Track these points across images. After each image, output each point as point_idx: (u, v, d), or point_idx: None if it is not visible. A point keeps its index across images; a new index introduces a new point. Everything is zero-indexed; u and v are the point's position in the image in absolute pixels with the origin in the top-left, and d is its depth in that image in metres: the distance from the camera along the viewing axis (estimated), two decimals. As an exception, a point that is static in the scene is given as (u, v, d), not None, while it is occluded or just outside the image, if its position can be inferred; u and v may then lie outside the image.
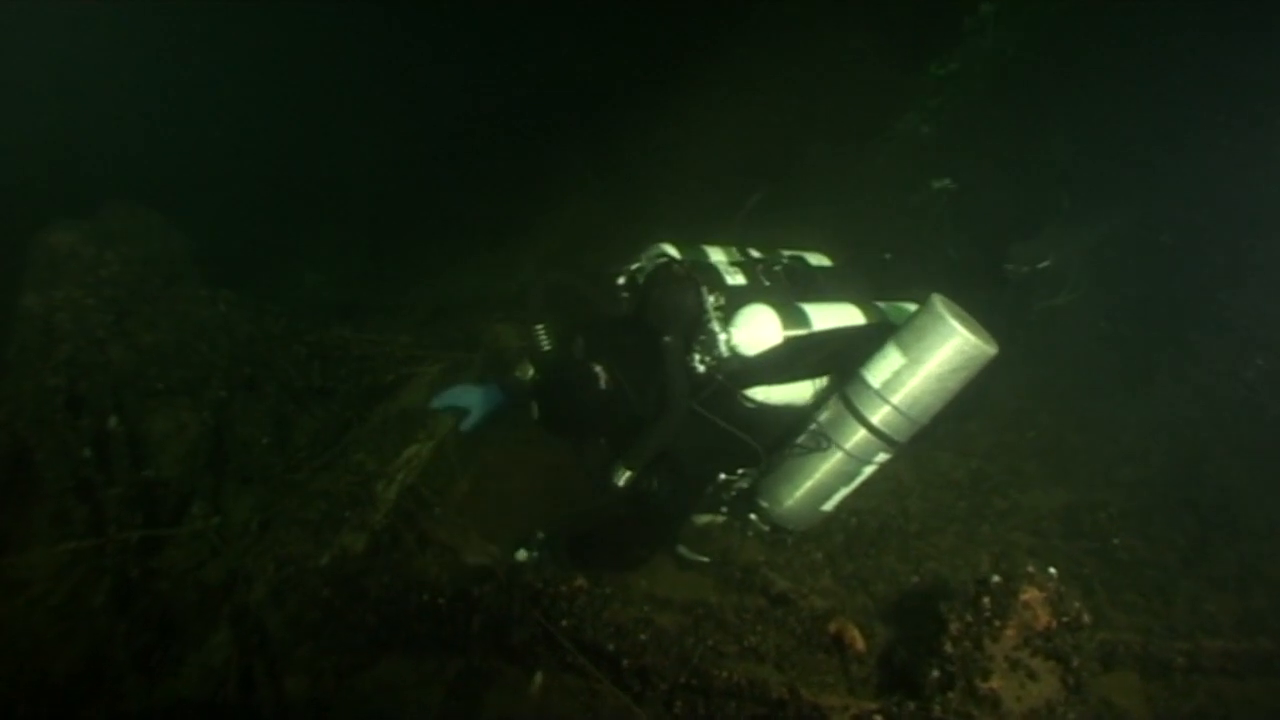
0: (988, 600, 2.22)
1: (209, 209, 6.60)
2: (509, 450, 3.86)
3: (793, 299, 2.78)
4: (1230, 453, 4.00)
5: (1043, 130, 5.44)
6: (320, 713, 2.76)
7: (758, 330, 2.62)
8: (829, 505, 2.83)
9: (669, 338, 2.62)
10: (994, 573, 3.19)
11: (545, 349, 2.84)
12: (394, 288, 6.06)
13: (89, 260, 3.98)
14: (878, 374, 2.61)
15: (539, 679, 2.66)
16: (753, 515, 2.98)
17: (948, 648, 2.23)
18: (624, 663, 2.52)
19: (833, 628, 2.61)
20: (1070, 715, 2.15)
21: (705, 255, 3.01)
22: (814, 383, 2.87)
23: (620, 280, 2.89)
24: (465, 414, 3.40)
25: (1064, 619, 2.16)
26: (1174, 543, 3.49)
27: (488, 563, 3.17)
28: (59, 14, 7.68)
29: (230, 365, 4.15)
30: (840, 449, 2.68)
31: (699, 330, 2.67)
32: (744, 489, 2.95)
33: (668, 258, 2.88)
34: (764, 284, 2.91)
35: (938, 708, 2.18)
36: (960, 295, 2.71)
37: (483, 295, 5.56)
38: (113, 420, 3.64)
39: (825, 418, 2.72)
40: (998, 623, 2.19)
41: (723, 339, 2.63)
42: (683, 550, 3.20)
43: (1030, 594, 2.19)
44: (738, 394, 2.71)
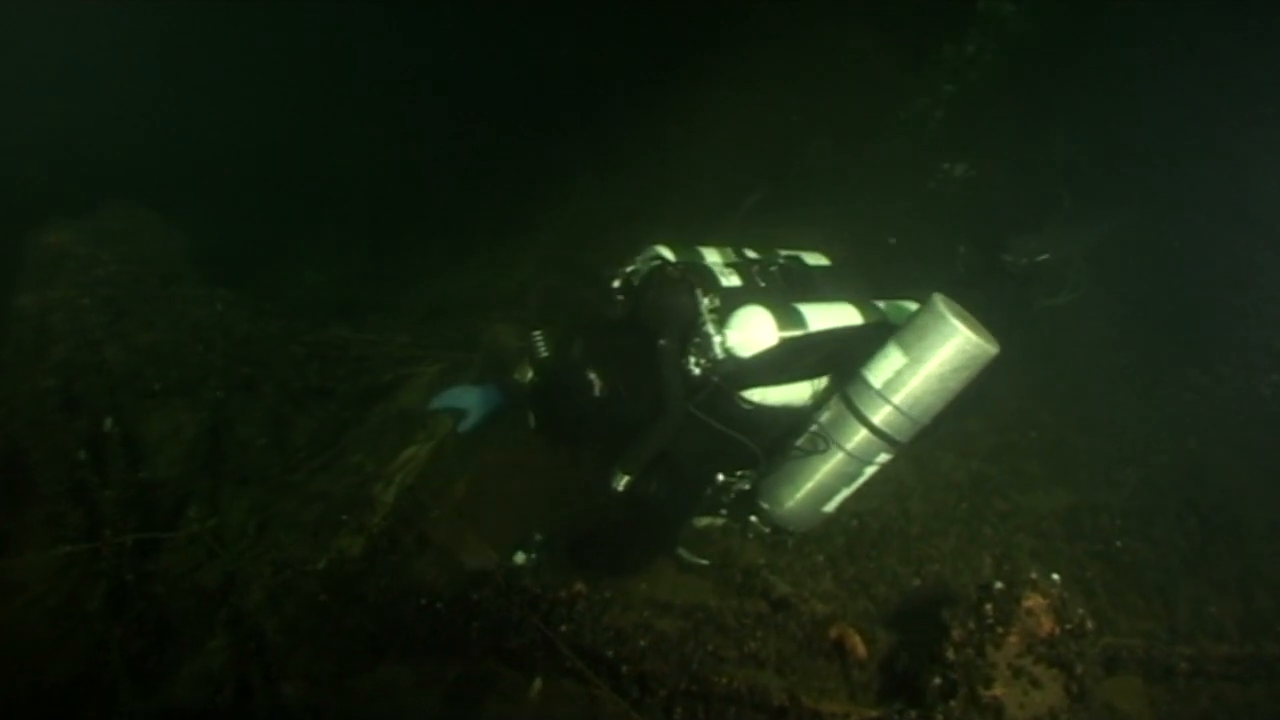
0: (990, 607, 2.20)
1: (209, 208, 6.58)
2: (508, 452, 3.84)
3: (788, 299, 2.76)
4: (1232, 453, 3.99)
5: (1043, 128, 5.42)
6: (317, 718, 2.74)
7: (752, 332, 2.60)
8: (830, 506, 2.81)
9: (664, 340, 2.60)
10: (996, 576, 3.18)
11: (543, 354, 2.82)
12: (393, 287, 6.03)
13: (84, 260, 3.97)
14: (879, 374, 2.59)
15: (538, 684, 2.64)
16: (753, 517, 2.96)
17: (950, 654, 2.21)
18: (623, 668, 2.50)
19: (834, 633, 2.59)
20: (1073, 723, 2.14)
21: (700, 256, 2.98)
22: (812, 383, 2.85)
23: (615, 283, 2.87)
24: (464, 415, 3.38)
25: (1067, 626, 2.14)
26: (1176, 544, 3.47)
27: (486, 566, 3.15)
28: (56, 13, 7.64)
29: (227, 365, 4.14)
30: (841, 449, 2.66)
31: (694, 333, 2.64)
32: (743, 490, 2.93)
33: (662, 259, 2.86)
34: (759, 285, 2.88)
35: (940, 716, 2.15)
36: (959, 292, 2.69)
37: (482, 294, 5.53)
38: (108, 422, 3.62)
39: (826, 418, 2.70)
40: (1000, 629, 2.17)
41: (718, 341, 2.60)
42: (682, 553, 3.18)
43: (1033, 601, 2.16)
44: (734, 396, 2.68)
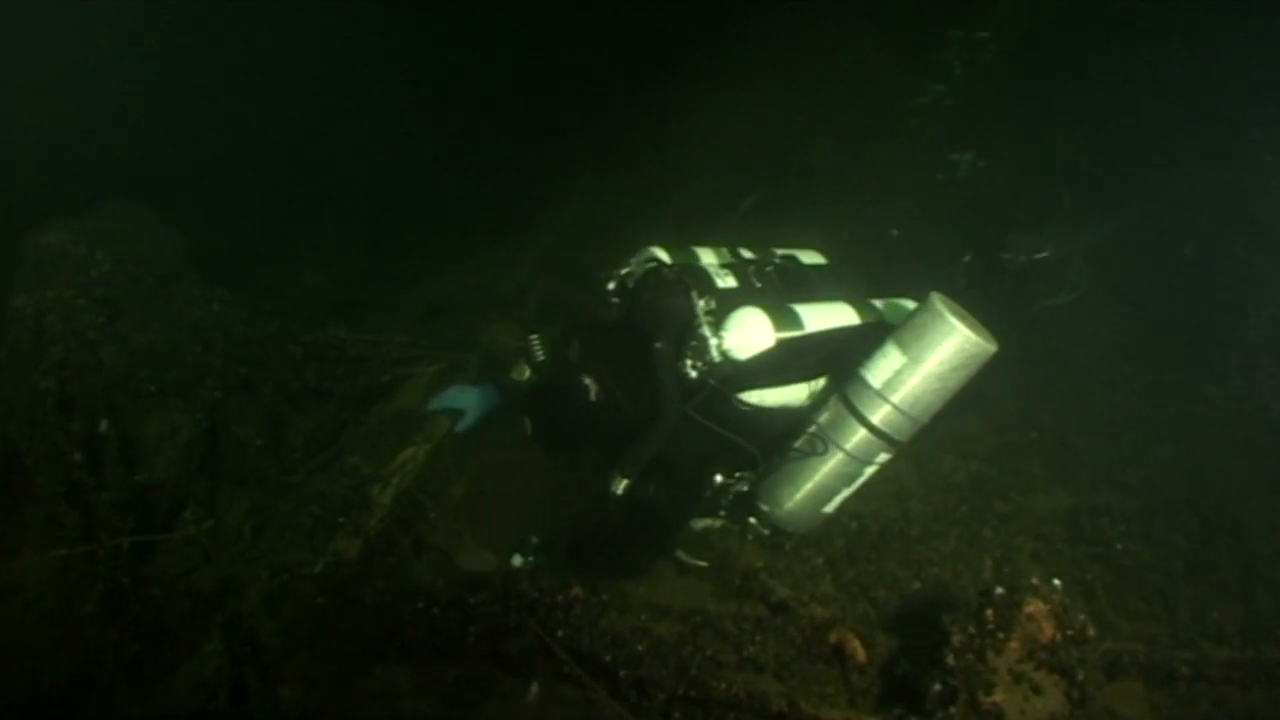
0: (991, 612, 2.18)
1: (208, 208, 6.57)
2: (506, 453, 3.82)
3: (785, 300, 2.74)
4: (1233, 454, 3.97)
5: (1044, 128, 5.40)
6: (314, 722, 2.73)
7: (749, 334, 2.58)
8: (830, 507, 2.80)
9: (660, 344, 2.58)
10: (996, 579, 3.17)
11: (540, 357, 2.80)
12: (393, 286, 6.01)
13: (80, 260, 3.93)
14: (878, 374, 2.57)
15: (535, 689, 2.62)
16: (752, 519, 2.94)
17: (950, 660, 2.19)
18: (621, 673, 2.49)
19: (833, 638, 2.57)
20: (1074, 729, 2.12)
21: (695, 257, 2.96)
22: (809, 384, 2.82)
23: (610, 284, 2.85)
24: (461, 415, 3.38)
25: (1069, 632, 2.12)
26: (1177, 547, 3.46)
27: (484, 569, 3.14)
28: (54, 12, 7.61)
29: (224, 366, 4.10)
30: (841, 450, 2.64)
31: (690, 335, 2.62)
32: (742, 492, 2.92)
33: (657, 261, 2.84)
34: (755, 285, 2.85)
35: (940, 722, 2.14)
36: (957, 290, 2.67)
37: (482, 294, 5.52)
38: (105, 423, 3.60)
39: (825, 419, 2.68)
40: (1001, 635, 2.15)
41: (714, 344, 2.58)
42: (681, 555, 3.17)
43: (1034, 606, 2.15)
44: (731, 398, 2.67)
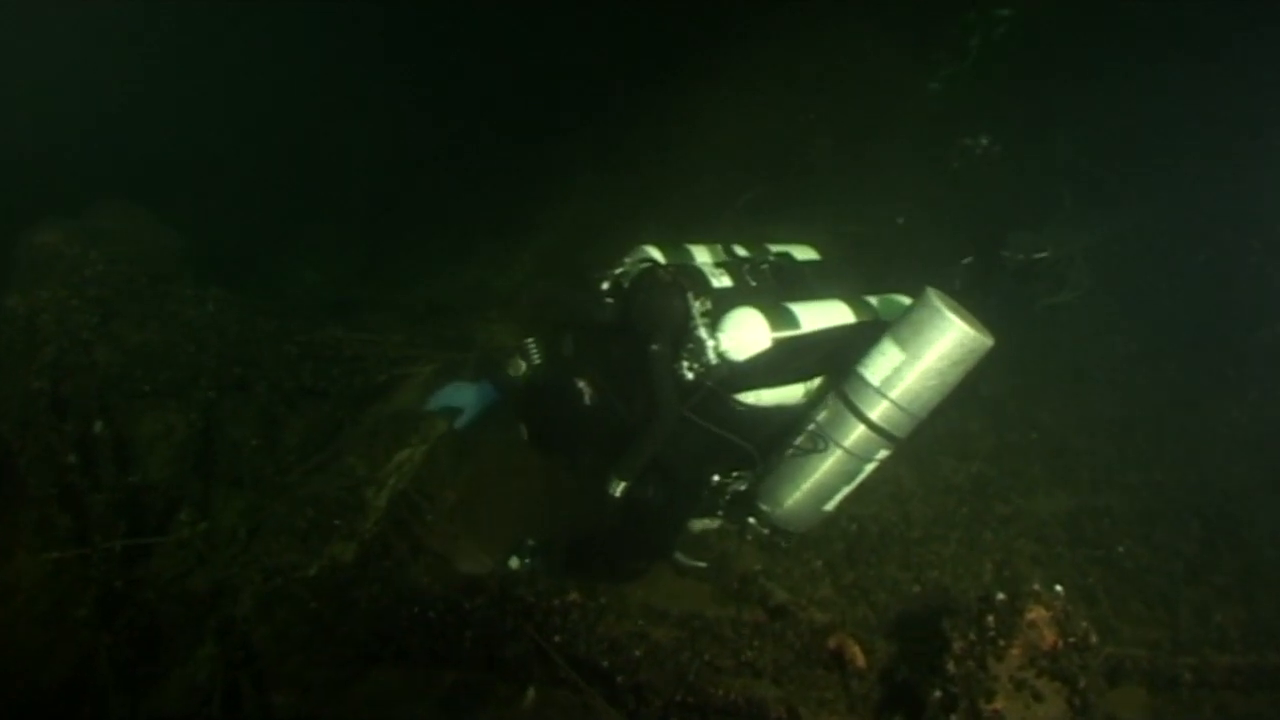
0: (992, 618, 2.16)
1: (205, 206, 6.54)
2: (503, 455, 3.80)
3: (780, 299, 2.72)
4: (1235, 455, 3.95)
5: (1044, 128, 5.37)
6: (308, 727, 2.71)
7: (745, 335, 2.57)
8: (831, 505, 2.78)
9: (656, 345, 2.56)
10: (997, 582, 3.18)
11: (536, 360, 2.78)
12: (391, 285, 5.97)
13: (74, 260, 3.90)
14: (876, 371, 2.55)
15: (531, 694, 2.60)
16: (751, 519, 2.92)
17: (951, 667, 2.17)
18: (618, 679, 2.47)
19: (832, 643, 2.56)
20: (1076, 737, 2.10)
21: (690, 256, 2.94)
22: (806, 382, 2.81)
23: (604, 285, 2.82)
24: (459, 412, 3.37)
25: (1071, 639, 2.10)
26: (1179, 550, 3.43)
27: (480, 571, 3.11)
28: (51, 11, 7.57)
29: (219, 366, 4.07)
30: (840, 447, 2.62)
31: (686, 337, 2.60)
32: (740, 491, 2.89)
33: (652, 261, 2.81)
34: (750, 284, 2.84)
35: (940, 729, 2.12)
36: (953, 289, 2.66)
37: (480, 293, 5.49)
38: (98, 424, 3.57)
39: (823, 417, 2.66)
40: (1002, 642, 2.13)
41: (710, 345, 2.56)
42: (680, 557, 3.15)
43: (1036, 613, 2.13)
44: (728, 398, 2.65)
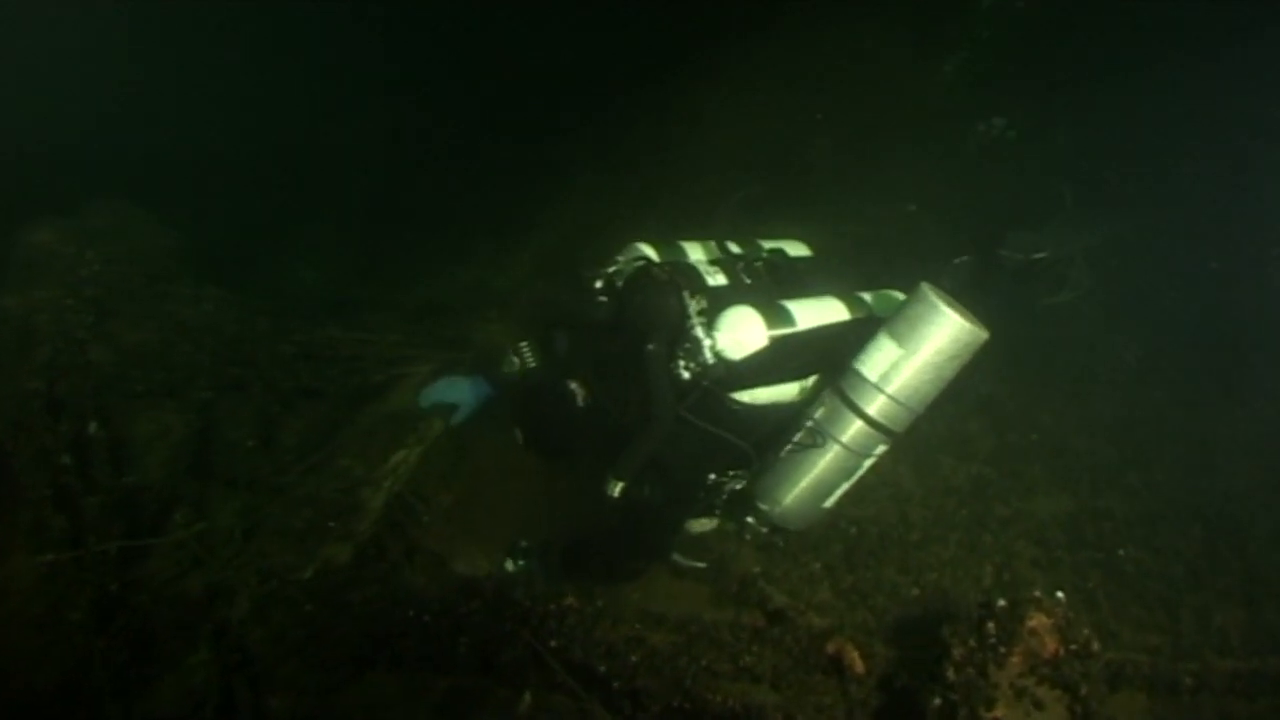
0: (992, 625, 2.14)
1: (203, 205, 6.51)
2: (501, 454, 3.77)
3: (775, 296, 2.69)
4: (1237, 457, 3.92)
5: (1044, 123, 5.33)
6: (303, 731, 2.69)
7: (742, 333, 2.54)
8: (830, 501, 2.74)
9: (652, 345, 2.53)
10: (997, 586, 3.16)
11: (532, 364, 2.75)
12: (389, 284, 5.95)
13: (69, 259, 3.90)
14: (873, 366, 2.52)
15: (528, 699, 2.58)
16: (750, 518, 2.90)
17: (950, 674, 2.15)
18: (615, 684, 2.45)
19: (831, 648, 2.54)
20: (1077, 745, 2.08)
21: (683, 253, 2.90)
22: (801, 380, 2.78)
23: (597, 283, 2.79)
24: (454, 408, 3.35)
25: (1072, 646, 2.08)
26: (1181, 553, 3.41)
27: (476, 574, 3.09)
28: (47, 9, 7.53)
29: (216, 366, 4.06)
30: (838, 444, 2.59)
31: (682, 336, 2.57)
32: (737, 491, 2.87)
33: (646, 260, 2.78)
34: (745, 282, 2.80)
35: (940, 737, 2.10)
36: (945, 287, 2.64)
37: (479, 293, 5.46)
38: (93, 425, 3.56)
39: (820, 414, 2.63)
40: (1003, 649, 2.11)
41: (707, 344, 2.53)
42: (678, 558, 3.12)
43: (1037, 620, 2.11)
44: (724, 397, 2.62)
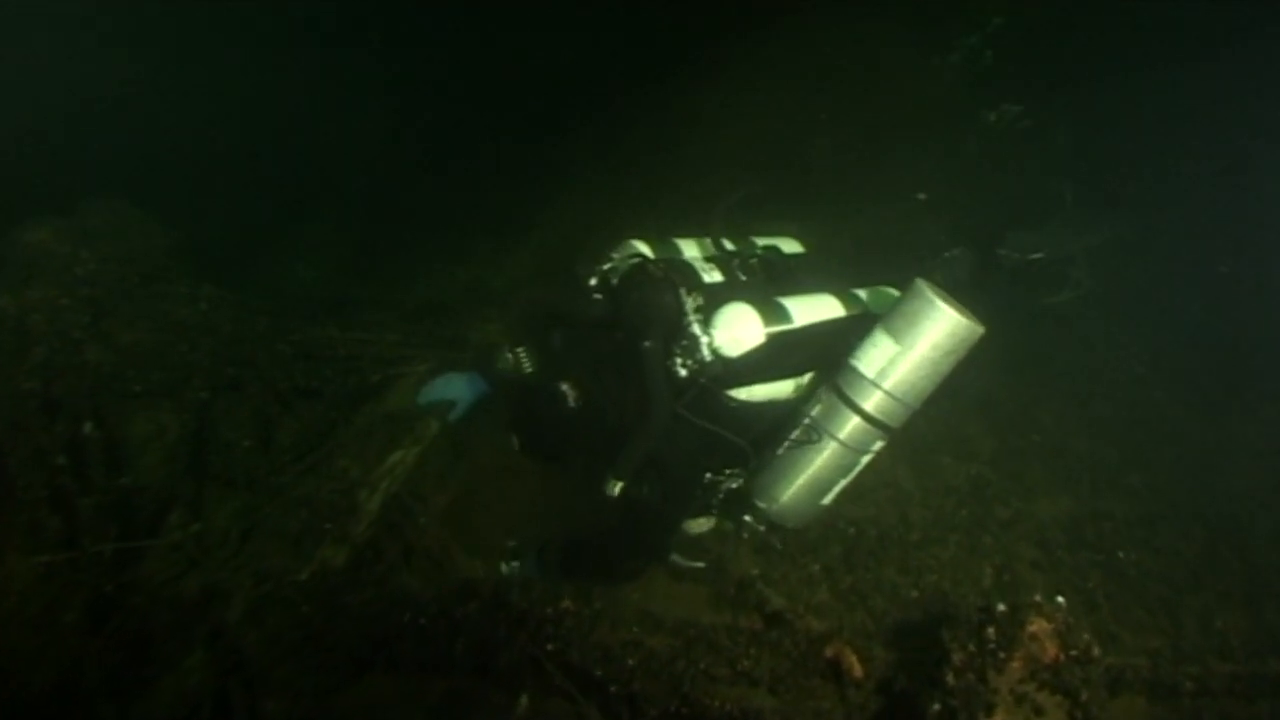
0: (992, 630, 2.12)
1: (200, 203, 6.50)
2: (498, 454, 3.75)
3: (771, 293, 2.67)
4: (1238, 458, 3.91)
5: (1044, 120, 5.31)
6: (299, 734, 2.68)
7: (739, 330, 2.52)
8: (828, 498, 2.72)
9: (649, 343, 2.51)
10: (997, 588, 3.14)
11: (529, 370, 2.74)
12: (387, 283, 5.93)
13: (64, 259, 3.87)
14: (870, 362, 2.51)
15: (524, 702, 2.56)
16: (747, 517, 2.88)
17: (950, 679, 2.14)
18: (612, 688, 2.44)
19: (830, 652, 2.52)
20: (1077, 751, 2.06)
21: (677, 250, 2.89)
22: (798, 377, 2.76)
23: (592, 281, 2.77)
24: (451, 405, 3.35)
25: (1073, 652, 2.06)
26: (1181, 554, 3.40)
27: (473, 576, 3.08)
28: (43, 8, 7.51)
29: (212, 365, 4.04)
30: (835, 440, 2.57)
31: (679, 333, 2.56)
32: (733, 489, 2.85)
33: (641, 257, 2.77)
34: (740, 279, 2.79)
35: (939, 743, 2.09)
36: (938, 277, 2.63)
37: (477, 292, 5.45)
38: (89, 425, 3.54)
39: (818, 411, 2.61)
40: (1003, 654, 2.09)
41: (704, 341, 2.52)
42: (677, 558, 3.11)
43: (1038, 625, 2.09)
44: (721, 394, 2.61)
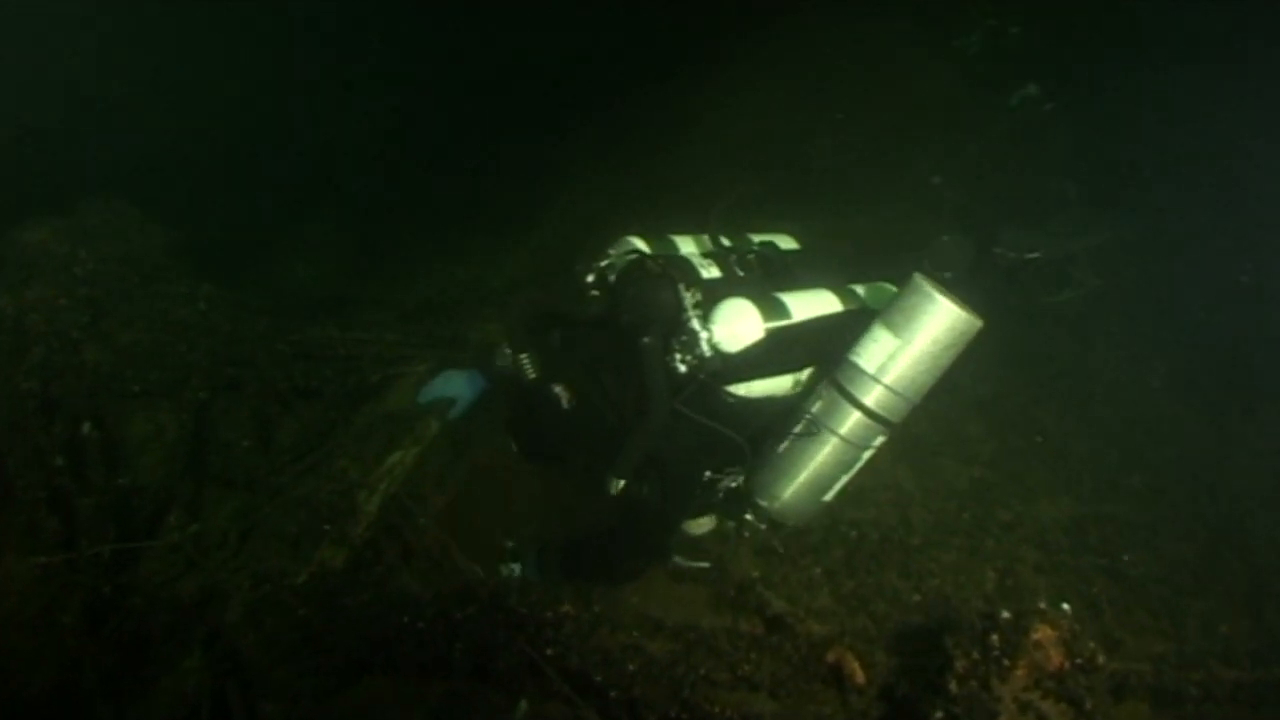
0: (996, 638, 2.10)
1: (198, 202, 6.49)
2: (497, 455, 3.74)
3: (769, 289, 2.67)
4: (1242, 460, 3.89)
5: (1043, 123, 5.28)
6: (297, 737, 2.66)
7: (738, 326, 2.51)
8: (829, 495, 2.71)
9: (648, 339, 2.49)
10: (1000, 592, 3.12)
11: (531, 375, 2.72)
12: (386, 281, 5.92)
13: (63, 258, 3.86)
14: (870, 357, 2.51)
15: (523, 707, 2.54)
16: (748, 515, 2.87)
17: (953, 687, 2.11)
18: (612, 693, 2.42)
19: (831, 657, 2.50)
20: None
21: (675, 247, 2.88)
22: (796, 372, 2.75)
23: (589, 278, 2.75)
24: (451, 403, 3.36)
25: (1078, 660, 2.04)
26: (1185, 558, 3.38)
27: (472, 578, 3.06)
28: (40, 6, 7.49)
29: (211, 365, 4.02)
30: (836, 436, 2.57)
31: (678, 329, 2.54)
32: (733, 488, 2.84)
33: (639, 253, 2.75)
34: (738, 275, 2.78)
35: (941, 750, 2.07)
36: (927, 264, 2.62)
37: (476, 290, 5.43)
38: (87, 425, 3.53)
39: (818, 407, 2.60)
40: (1007, 662, 2.07)
41: (704, 337, 2.51)
42: (679, 559, 3.10)
43: (1042, 632, 2.06)
44: (719, 390, 2.60)
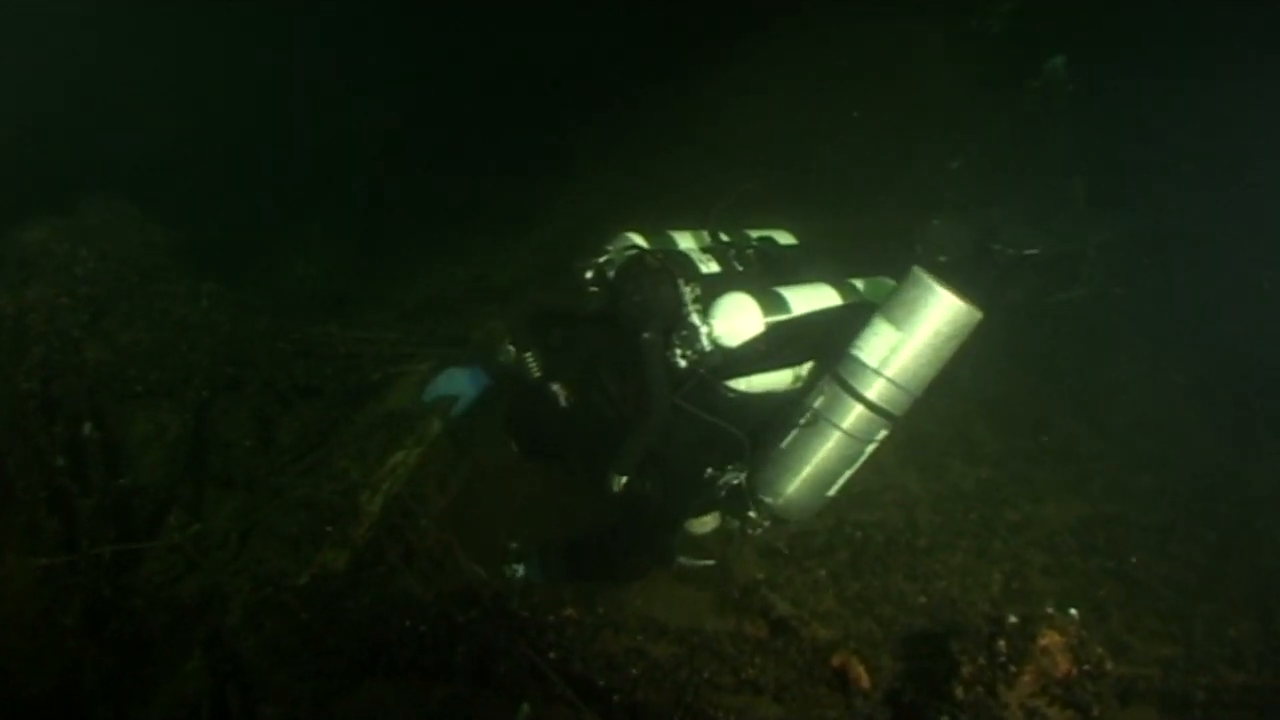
0: (1003, 643, 2.07)
1: (198, 200, 6.48)
2: (499, 455, 3.71)
3: (768, 284, 2.67)
4: (1249, 461, 3.86)
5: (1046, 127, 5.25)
6: (298, 741, 2.64)
7: (738, 320, 2.52)
8: (832, 490, 2.70)
9: (648, 334, 2.50)
10: (1006, 595, 3.09)
11: (537, 375, 2.71)
12: (387, 280, 5.91)
13: (63, 257, 3.84)
14: (871, 351, 2.50)
15: (526, 711, 2.52)
16: (751, 513, 2.85)
17: (959, 693, 2.09)
18: (614, 697, 2.39)
19: (836, 661, 2.47)
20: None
21: (673, 242, 2.89)
22: (796, 367, 2.74)
23: (588, 274, 2.74)
24: (454, 400, 3.38)
25: (1085, 666, 2.01)
26: (1193, 560, 3.35)
27: (474, 580, 3.04)
28: (40, 6, 7.48)
29: (212, 364, 4.01)
30: (839, 430, 2.56)
31: (678, 324, 2.55)
32: (735, 485, 2.82)
33: (638, 249, 2.73)
34: (737, 270, 2.79)
35: (948, 757, 2.04)
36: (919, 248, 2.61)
37: (477, 289, 5.42)
38: (88, 425, 3.51)
39: (820, 402, 2.59)
40: (1013, 668, 2.04)
41: (704, 332, 2.51)
42: (682, 560, 3.08)
43: (1050, 638, 2.03)
44: (720, 385, 2.60)
